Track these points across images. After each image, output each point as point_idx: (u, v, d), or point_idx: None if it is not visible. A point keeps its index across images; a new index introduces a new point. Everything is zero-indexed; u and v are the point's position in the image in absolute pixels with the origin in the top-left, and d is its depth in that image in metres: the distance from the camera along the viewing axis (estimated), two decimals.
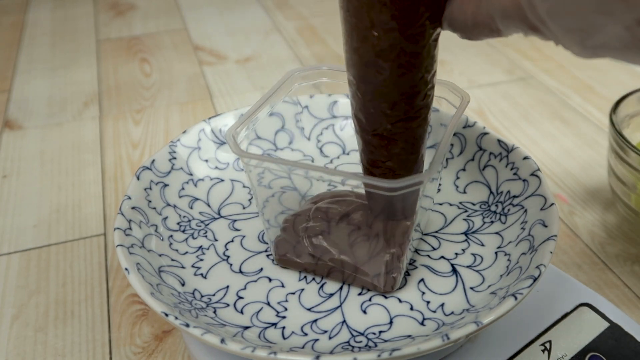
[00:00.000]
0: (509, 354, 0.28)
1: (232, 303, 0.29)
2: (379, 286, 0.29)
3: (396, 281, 0.28)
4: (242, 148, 0.28)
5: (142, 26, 0.76)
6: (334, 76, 0.33)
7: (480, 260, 0.30)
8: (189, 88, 0.61)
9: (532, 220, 0.30)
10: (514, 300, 0.24)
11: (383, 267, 0.28)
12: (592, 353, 0.28)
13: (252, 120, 0.29)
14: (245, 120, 0.29)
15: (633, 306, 0.35)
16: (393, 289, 0.29)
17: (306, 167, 0.26)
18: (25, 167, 0.50)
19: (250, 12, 0.79)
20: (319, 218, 0.30)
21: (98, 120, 0.56)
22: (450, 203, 0.34)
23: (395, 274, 0.28)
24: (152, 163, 0.34)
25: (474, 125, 0.36)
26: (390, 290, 0.29)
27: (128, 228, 0.30)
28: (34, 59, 0.68)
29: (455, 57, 0.66)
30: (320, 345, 0.27)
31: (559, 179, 0.46)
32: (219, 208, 0.35)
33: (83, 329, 0.35)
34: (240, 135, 0.28)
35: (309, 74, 0.33)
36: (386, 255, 0.28)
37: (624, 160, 0.37)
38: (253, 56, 0.67)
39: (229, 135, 0.27)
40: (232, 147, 0.27)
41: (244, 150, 0.27)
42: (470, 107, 0.56)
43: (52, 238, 0.42)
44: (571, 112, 0.55)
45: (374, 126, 0.26)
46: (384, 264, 0.28)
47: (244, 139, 0.29)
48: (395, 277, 0.28)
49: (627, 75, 0.61)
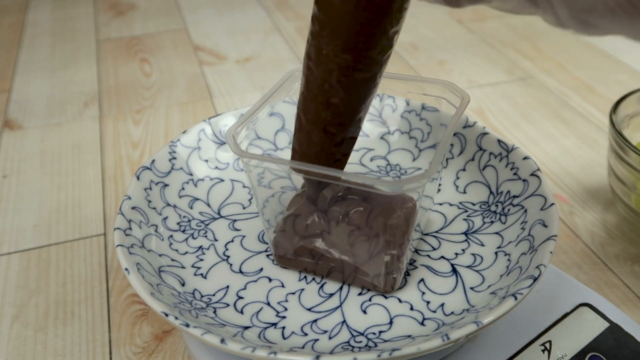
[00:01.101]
0: (509, 354, 0.28)
1: (232, 303, 0.29)
2: (379, 286, 0.29)
3: (396, 281, 0.28)
4: (242, 148, 0.28)
5: (142, 26, 0.76)
6: None
7: (480, 260, 0.30)
8: (189, 88, 0.61)
9: (532, 220, 0.30)
10: (514, 300, 0.24)
11: (383, 268, 0.28)
12: (592, 353, 0.28)
13: (252, 120, 0.29)
14: (245, 120, 0.29)
15: (633, 306, 0.35)
16: (393, 289, 0.29)
17: (305, 167, 0.26)
18: (25, 167, 0.50)
19: (250, 12, 0.79)
20: (319, 218, 0.30)
21: (98, 120, 0.56)
22: (450, 203, 0.34)
23: (396, 274, 0.28)
24: (152, 163, 0.34)
25: (474, 125, 0.36)
26: (390, 290, 0.29)
27: (128, 228, 0.30)
28: (34, 59, 0.68)
29: (455, 57, 0.66)
30: (320, 345, 0.27)
31: (559, 179, 0.46)
32: (219, 208, 0.35)
33: (83, 329, 0.35)
34: (240, 136, 0.28)
35: None
36: (386, 256, 0.28)
37: (624, 160, 0.37)
38: (253, 56, 0.67)
39: (229, 136, 0.27)
40: (232, 147, 0.27)
41: (244, 150, 0.27)
42: (470, 107, 0.56)
43: (52, 238, 0.42)
44: (571, 112, 0.55)
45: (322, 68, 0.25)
46: (384, 265, 0.28)
47: (244, 139, 0.29)
48: (396, 277, 0.28)
49: (627, 75, 0.61)
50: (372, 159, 0.38)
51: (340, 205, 0.30)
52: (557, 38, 0.69)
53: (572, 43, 0.68)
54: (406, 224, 0.29)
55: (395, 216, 0.29)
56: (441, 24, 0.74)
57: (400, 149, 0.38)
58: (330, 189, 0.30)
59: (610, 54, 0.65)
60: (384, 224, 0.29)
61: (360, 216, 0.30)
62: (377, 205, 0.29)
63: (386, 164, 0.37)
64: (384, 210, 0.29)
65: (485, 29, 0.73)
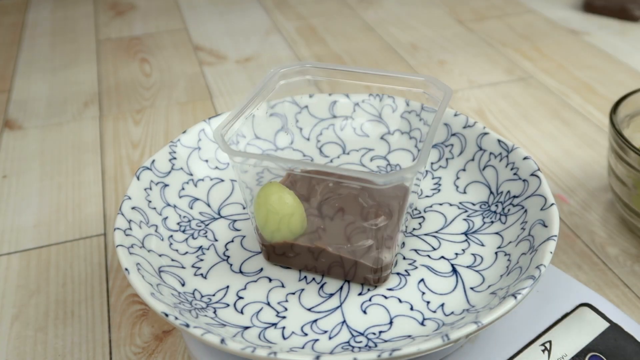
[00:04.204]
0: (509, 354, 0.28)
1: (232, 303, 0.29)
2: (369, 279, 0.29)
3: (386, 273, 0.29)
4: (241, 148, 0.28)
5: (142, 26, 0.76)
6: (318, 73, 0.34)
7: (480, 260, 0.30)
8: (189, 88, 0.61)
9: (532, 220, 0.30)
10: (514, 300, 0.24)
11: (372, 261, 0.28)
12: (592, 353, 0.28)
13: (240, 118, 0.30)
14: (233, 118, 0.29)
15: (633, 306, 0.35)
16: (384, 281, 0.29)
17: (292, 163, 0.26)
18: (25, 167, 0.50)
19: (250, 12, 0.79)
20: (313, 216, 0.30)
21: (98, 120, 0.56)
22: (450, 203, 0.34)
23: (386, 271, 0.28)
24: (152, 163, 0.34)
25: (474, 125, 0.36)
26: (380, 283, 0.29)
27: (128, 228, 0.30)
28: (34, 59, 0.68)
29: (455, 57, 0.66)
30: (320, 346, 0.27)
31: (559, 179, 0.46)
32: (219, 208, 0.35)
33: (83, 329, 0.35)
34: (228, 134, 0.28)
35: (290, 70, 0.33)
36: (374, 251, 0.28)
37: (624, 160, 0.37)
38: (253, 56, 0.67)
39: (217, 134, 0.27)
40: (220, 146, 0.27)
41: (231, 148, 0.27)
42: (470, 107, 0.56)
43: (52, 238, 0.42)
44: (571, 112, 0.55)
45: None
46: (372, 259, 0.28)
47: (242, 138, 0.29)
48: (387, 272, 0.29)
49: (627, 75, 0.61)
50: (372, 159, 0.38)
51: (330, 201, 0.30)
52: (557, 38, 0.69)
53: (572, 43, 0.68)
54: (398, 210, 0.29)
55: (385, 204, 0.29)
56: (441, 24, 0.74)
57: (400, 149, 0.38)
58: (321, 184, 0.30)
59: (610, 54, 0.65)
60: (373, 218, 0.29)
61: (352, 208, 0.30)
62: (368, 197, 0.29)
63: (386, 164, 0.37)
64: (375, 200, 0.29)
65: (485, 29, 0.73)
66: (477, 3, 0.80)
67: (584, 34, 0.70)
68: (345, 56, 0.67)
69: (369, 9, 0.79)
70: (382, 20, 0.76)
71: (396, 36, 0.71)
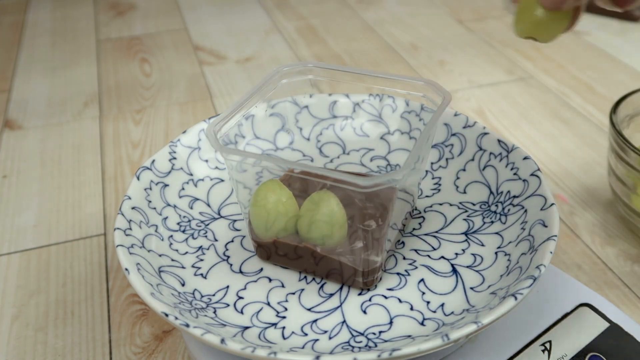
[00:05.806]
0: (509, 354, 0.28)
1: (232, 303, 0.29)
2: (358, 281, 0.29)
3: (374, 277, 0.29)
4: (241, 148, 0.28)
5: (142, 26, 0.76)
6: (320, 73, 0.34)
7: (480, 260, 0.30)
8: (189, 88, 0.61)
9: (532, 220, 0.30)
10: (514, 300, 0.24)
11: (361, 264, 0.28)
12: (592, 353, 0.28)
13: (236, 115, 0.30)
14: (226, 116, 0.29)
15: (633, 306, 0.35)
16: (373, 284, 0.29)
17: (281, 162, 0.26)
18: (25, 167, 0.50)
19: (250, 12, 0.79)
20: None
21: (98, 120, 0.56)
22: (450, 203, 0.34)
23: (374, 274, 0.28)
24: (152, 163, 0.34)
25: (474, 125, 0.36)
26: (370, 285, 0.29)
27: (128, 228, 0.30)
28: (34, 59, 0.68)
29: (455, 57, 0.66)
30: (320, 346, 0.27)
31: (559, 179, 0.46)
32: (219, 208, 0.35)
33: (83, 329, 0.35)
34: (221, 132, 0.28)
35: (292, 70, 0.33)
36: (363, 253, 0.28)
37: (624, 160, 0.37)
38: (253, 56, 0.67)
39: (209, 131, 0.27)
40: (212, 143, 0.27)
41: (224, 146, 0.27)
42: (470, 107, 0.56)
43: (52, 238, 0.42)
44: (571, 112, 0.55)
45: None
46: (361, 261, 0.28)
47: (241, 138, 0.29)
48: (375, 275, 0.29)
49: (627, 75, 0.61)
50: (372, 159, 0.38)
51: None
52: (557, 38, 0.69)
53: (572, 43, 0.68)
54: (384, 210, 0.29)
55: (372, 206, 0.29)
56: (441, 24, 0.74)
57: (400, 149, 0.38)
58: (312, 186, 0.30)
59: (610, 54, 0.65)
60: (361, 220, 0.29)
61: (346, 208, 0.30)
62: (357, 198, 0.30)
63: (386, 164, 0.37)
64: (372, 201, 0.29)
65: (485, 29, 0.73)
66: (477, 3, 0.80)
67: (584, 34, 0.70)
68: (345, 56, 0.67)
69: (369, 9, 0.79)
70: (382, 20, 0.76)
71: (396, 36, 0.71)
